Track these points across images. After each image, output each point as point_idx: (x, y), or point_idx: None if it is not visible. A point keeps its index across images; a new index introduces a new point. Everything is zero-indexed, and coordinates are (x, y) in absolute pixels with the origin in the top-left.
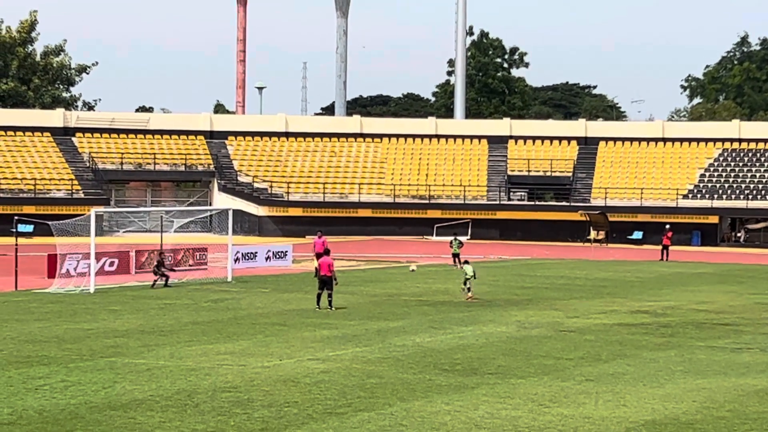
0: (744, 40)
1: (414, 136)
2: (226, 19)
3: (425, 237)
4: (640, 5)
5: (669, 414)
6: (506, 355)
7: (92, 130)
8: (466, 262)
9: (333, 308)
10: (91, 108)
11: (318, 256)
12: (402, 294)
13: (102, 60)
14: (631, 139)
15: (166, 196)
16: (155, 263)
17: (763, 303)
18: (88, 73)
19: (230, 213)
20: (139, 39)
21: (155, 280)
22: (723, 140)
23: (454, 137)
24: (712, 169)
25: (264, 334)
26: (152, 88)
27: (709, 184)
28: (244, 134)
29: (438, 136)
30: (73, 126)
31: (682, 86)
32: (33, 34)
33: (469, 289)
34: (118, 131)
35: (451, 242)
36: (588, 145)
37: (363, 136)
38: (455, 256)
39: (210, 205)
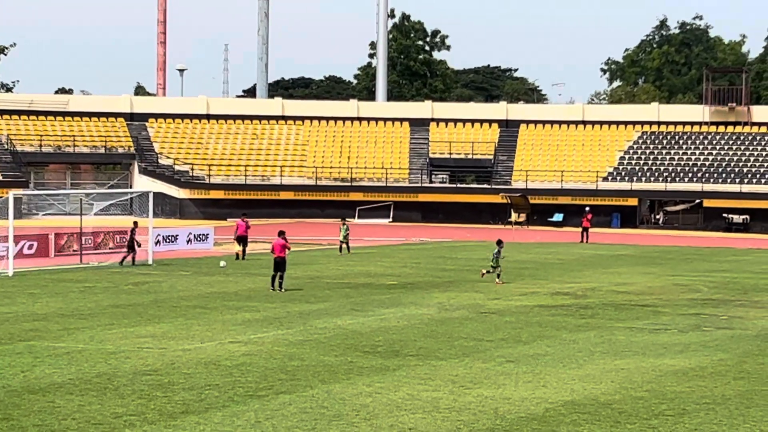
0: (663, 24)
1: (336, 119)
2: (146, 0)
3: (347, 219)
4: None
5: (588, 394)
6: (427, 337)
7: (10, 112)
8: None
9: (283, 289)
10: (9, 90)
11: (239, 239)
12: (324, 276)
13: (20, 41)
14: (552, 122)
15: (86, 179)
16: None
17: (682, 284)
18: (5, 54)
19: (151, 196)
20: (58, 20)
21: (130, 256)
22: (642, 123)
23: (376, 120)
24: (631, 151)
25: (185, 317)
26: (72, 70)
27: (629, 167)
28: (165, 116)
29: (360, 119)
30: None
31: (602, 69)
32: None
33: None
34: (37, 113)
35: (340, 228)
36: (509, 128)
37: (285, 118)
38: (343, 242)
39: (130, 187)
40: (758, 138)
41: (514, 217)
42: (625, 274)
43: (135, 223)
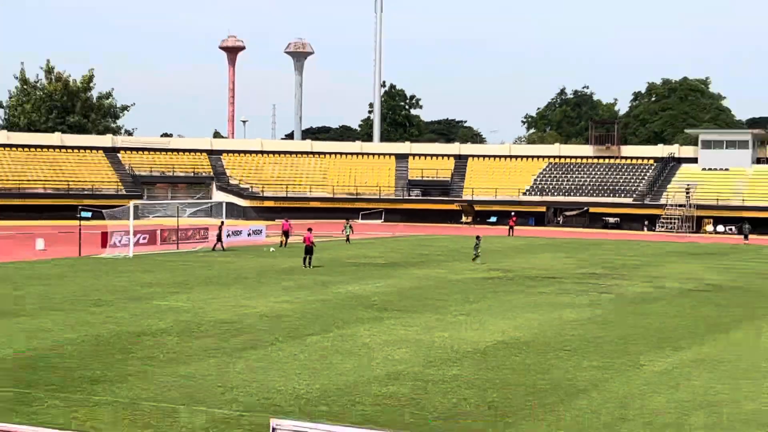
0: (562, 91)
1: (347, 153)
2: (219, 74)
3: (354, 219)
4: (494, 59)
5: (513, 336)
6: (408, 298)
7: (131, 149)
8: (477, 237)
9: (311, 266)
10: (130, 134)
11: (284, 233)
12: (340, 258)
13: (138, 101)
14: (490, 156)
15: (181, 193)
16: (218, 233)
17: (576, 263)
18: (128, 110)
19: (224, 205)
20: (162, 86)
21: (219, 244)
22: (549, 157)
23: (373, 154)
24: (541, 176)
25: (248, 285)
26: (172, 120)
27: (540, 186)
28: (234, 152)
29: (363, 153)
30: (119, 146)
31: (522, 121)
32: (91, 84)
33: (476, 257)
34: (149, 149)
35: (344, 226)
36: (461, 160)
37: (312, 153)
38: (348, 235)
39: (210, 199)
40: (625, 167)
41: (464, 218)
42: (538, 258)
43: (222, 222)
